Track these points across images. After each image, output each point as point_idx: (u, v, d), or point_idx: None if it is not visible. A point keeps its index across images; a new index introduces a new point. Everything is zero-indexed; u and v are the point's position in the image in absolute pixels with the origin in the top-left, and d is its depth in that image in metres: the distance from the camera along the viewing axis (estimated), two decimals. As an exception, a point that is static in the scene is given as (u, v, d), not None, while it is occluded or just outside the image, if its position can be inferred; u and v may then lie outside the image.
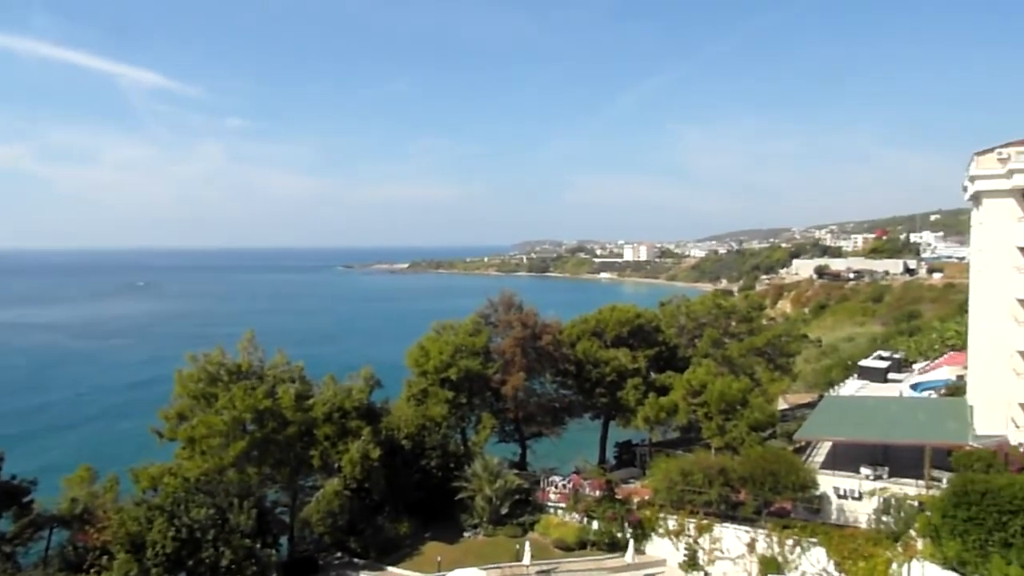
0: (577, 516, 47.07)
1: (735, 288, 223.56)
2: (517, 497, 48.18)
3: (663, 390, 54.57)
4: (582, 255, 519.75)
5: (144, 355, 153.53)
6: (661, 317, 64.71)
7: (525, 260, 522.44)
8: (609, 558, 44.19)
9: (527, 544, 43.36)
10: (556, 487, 49.39)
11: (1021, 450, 39.46)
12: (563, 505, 48.16)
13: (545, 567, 42.61)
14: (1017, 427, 43.33)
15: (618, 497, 46.61)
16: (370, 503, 46.25)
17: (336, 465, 44.65)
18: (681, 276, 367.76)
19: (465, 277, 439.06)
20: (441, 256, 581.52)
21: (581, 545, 45.09)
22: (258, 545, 39.46)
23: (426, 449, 50.02)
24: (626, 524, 45.37)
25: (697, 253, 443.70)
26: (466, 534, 47.34)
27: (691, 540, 43.83)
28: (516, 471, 51.24)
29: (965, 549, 35.05)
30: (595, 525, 45.91)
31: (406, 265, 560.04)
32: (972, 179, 46.43)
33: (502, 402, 54.69)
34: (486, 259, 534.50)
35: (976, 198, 47.05)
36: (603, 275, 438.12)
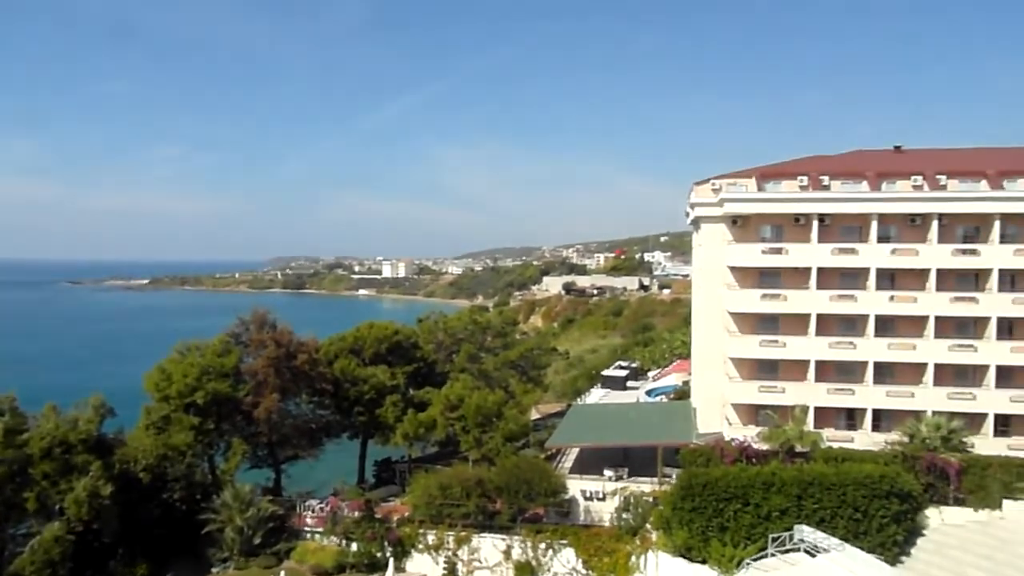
0: (335, 539, 45.83)
1: (490, 304, 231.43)
2: (271, 525, 45.90)
3: (422, 406, 55.00)
4: (340, 271, 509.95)
5: None
6: (419, 333, 65.34)
7: (280, 276, 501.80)
8: (369, 579, 43.52)
9: (282, 573, 41.43)
10: (313, 511, 47.77)
11: (733, 444, 44.80)
12: (320, 529, 46.68)
13: (301, 596, 40.98)
14: (730, 424, 49.26)
15: (377, 516, 46.08)
16: (100, 546, 41.59)
17: (58, 507, 39.63)
18: (439, 292, 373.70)
19: (214, 294, 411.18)
20: (187, 271, 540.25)
21: (340, 569, 43.92)
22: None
23: (168, 481, 46.09)
24: (386, 543, 44.96)
25: (454, 270, 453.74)
26: (215, 569, 44.22)
27: (450, 553, 44.46)
28: (270, 497, 48.80)
29: (691, 536, 39.07)
30: (354, 547, 45.00)
31: (146, 281, 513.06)
32: (692, 206, 52.31)
33: (254, 426, 51.88)
34: (237, 275, 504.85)
35: (696, 223, 53.05)
36: (361, 292, 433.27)
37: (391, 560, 43.92)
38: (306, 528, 47.21)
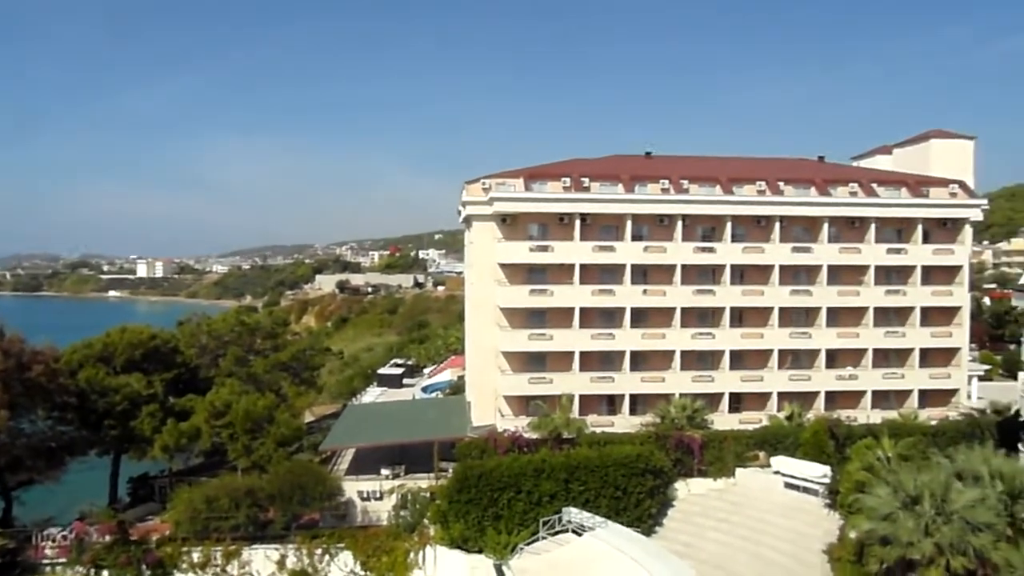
0: (81, 569, 41.23)
1: (260, 304, 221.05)
2: (0, 561, 40.30)
3: (184, 414, 51.17)
4: (86, 271, 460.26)
5: None
6: (180, 337, 60.76)
7: (9, 277, 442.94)
8: (124, 608, 39.74)
9: (16, 614, 36.58)
10: (54, 540, 42.59)
11: (506, 435, 46.52)
12: (64, 560, 41.76)
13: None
14: (503, 416, 51.03)
15: (133, 538, 42.21)
16: None
17: None
18: (203, 293, 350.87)
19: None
20: None
21: (88, 601, 39.70)
22: None
23: None
24: (143, 566, 41.29)
25: (220, 268, 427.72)
26: (-74, 620, 37.98)
27: (218, 569, 41.82)
28: (-1, 530, 42.85)
29: (467, 528, 40.04)
30: (105, 575, 40.86)
31: None
32: (464, 204, 53.49)
33: (-23, 449, 45.20)
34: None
35: (467, 221, 54.30)
36: (112, 293, 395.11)
37: (150, 584, 40.49)
38: (45, 561, 41.95)
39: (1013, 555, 29.03)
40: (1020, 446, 43.64)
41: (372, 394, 72.47)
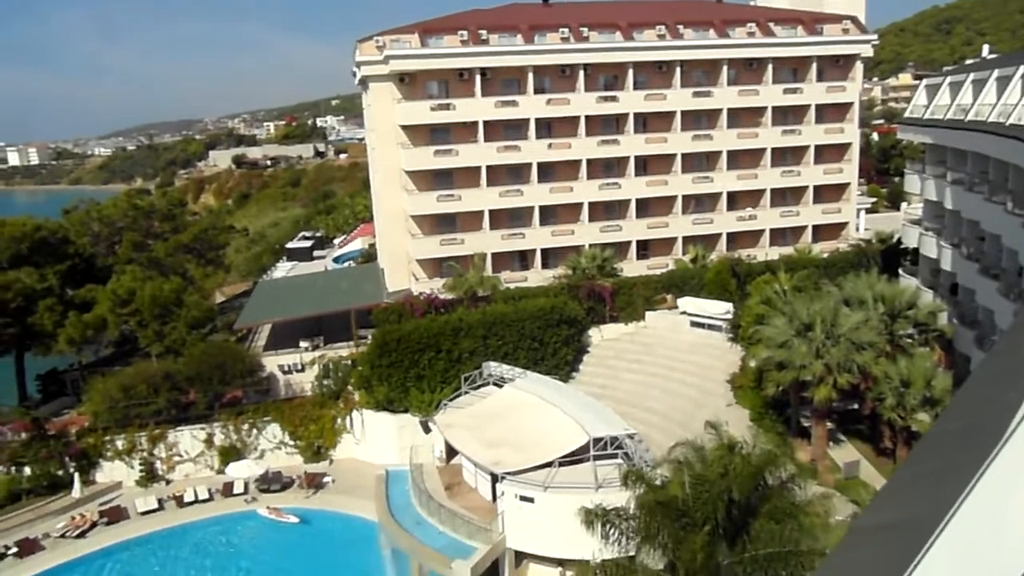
0: (2, 468, 40.68)
1: (152, 186, 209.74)
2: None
3: (86, 306, 49.27)
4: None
5: None
6: (68, 226, 57.47)
7: None
8: (51, 500, 39.68)
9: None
10: (-34, 443, 41.55)
11: (421, 298, 46.94)
12: (-20, 461, 40.97)
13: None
14: (417, 280, 51.29)
15: (51, 433, 41.60)
16: None
17: None
18: (88, 178, 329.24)
19: None
20: None
21: (14, 498, 39.41)
22: None
23: None
24: (67, 459, 41.01)
25: (103, 151, 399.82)
26: None
27: (145, 454, 42.00)
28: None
29: (391, 390, 41.05)
30: (27, 471, 40.40)
31: None
32: (358, 65, 51.00)
33: None
34: None
35: (364, 83, 52.01)
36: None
37: (76, 475, 40.34)
38: (-40, 463, 41.13)
39: (890, 368, 31.99)
40: (900, 271, 47.10)
41: (283, 269, 71.23)
